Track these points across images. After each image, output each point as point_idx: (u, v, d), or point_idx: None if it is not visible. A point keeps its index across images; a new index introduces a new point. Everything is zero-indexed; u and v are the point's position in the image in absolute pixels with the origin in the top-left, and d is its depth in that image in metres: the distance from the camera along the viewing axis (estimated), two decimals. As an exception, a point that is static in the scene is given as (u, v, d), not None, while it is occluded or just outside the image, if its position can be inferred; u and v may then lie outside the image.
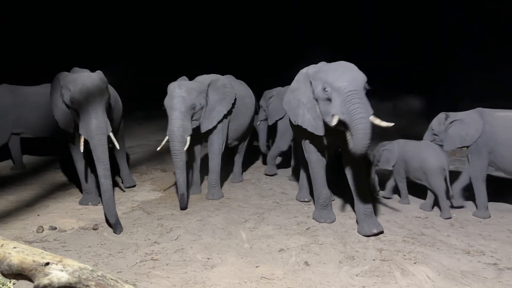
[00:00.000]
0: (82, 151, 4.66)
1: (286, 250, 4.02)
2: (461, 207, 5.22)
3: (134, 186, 6.28)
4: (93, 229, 4.56)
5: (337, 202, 5.67)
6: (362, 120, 3.73)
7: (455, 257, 3.82)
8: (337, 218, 4.94)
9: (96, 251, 4.00)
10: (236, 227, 4.64)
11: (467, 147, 5.05)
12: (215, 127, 5.65)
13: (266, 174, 7.05)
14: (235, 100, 5.78)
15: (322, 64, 4.45)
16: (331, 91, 3.93)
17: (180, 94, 5.15)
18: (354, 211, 4.70)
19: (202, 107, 5.40)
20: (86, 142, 4.58)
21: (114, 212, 4.59)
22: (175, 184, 5.60)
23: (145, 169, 7.26)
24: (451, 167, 5.82)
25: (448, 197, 5.05)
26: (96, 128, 4.49)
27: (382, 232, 4.37)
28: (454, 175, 5.34)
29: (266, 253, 3.96)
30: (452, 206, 5.15)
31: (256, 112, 6.97)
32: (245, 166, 7.43)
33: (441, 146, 5.23)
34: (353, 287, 3.30)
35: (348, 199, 5.78)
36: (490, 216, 4.92)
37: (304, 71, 4.55)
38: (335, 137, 4.33)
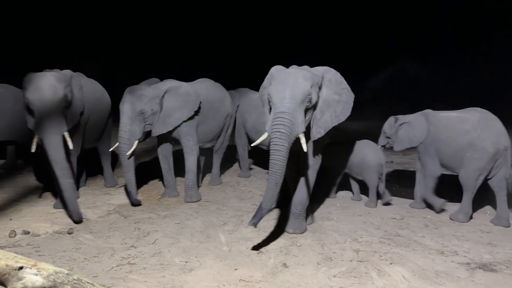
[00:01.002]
0: (33, 151, 4.70)
1: (265, 252, 4.02)
2: (428, 206, 5.45)
3: (114, 186, 6.36)
4: (68, 233, 4.46)
5: (314, 204, 5.73)
6: (276, 150, 3.71)
7: (429, 258, 3.90)
8: (315, 220, 4.99)
9: (71, 255, 3.92)
10: (215, 230, 4.62)
11: (415, 147, 5.45)
12: (179, 130, 5.67)
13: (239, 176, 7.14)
14: (199, 107, 5.80)
15: (293, 67, 4.38)
16: (271, 103, 3.89)
17: (129, 99, 5.28)
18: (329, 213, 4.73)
19: (154, 112, 5.43)
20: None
21: (77, 209, 4.72)
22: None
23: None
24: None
25: (381, 190, 5.56)
26: (48, 128, 4.53)
27: (301, 233, 4.50)
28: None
29: (245, 255, 3.96)
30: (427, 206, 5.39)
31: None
32: (224, 168, 7.43)
33: (392, 147, 5.74)
34: (331, 288, 3.33)
35: (327, 202, 5.86)
36: (425, 207, 5.37)
37: (272, 70, 4.43)
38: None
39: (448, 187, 5.39)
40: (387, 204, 5.61)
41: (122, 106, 5.31)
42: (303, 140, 3.83)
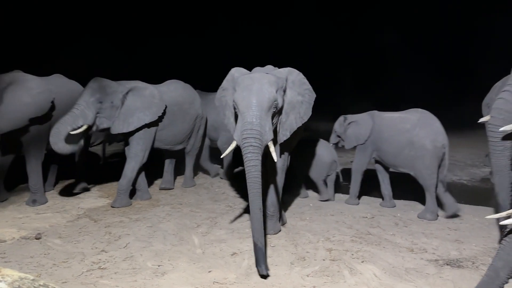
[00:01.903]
0: None
1: (239, 254, 4.02)
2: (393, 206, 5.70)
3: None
4: (36, 239, 4.33)
5: (288, 204, 5.77)
6: (253, 165, 3.65)
7: (399, 255, 3.99)
8: (288, 220, 5.02)
9: (39, 261, 3.80)
10: (188, 233, 4.58)
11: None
12: (135, 133, 5.57)
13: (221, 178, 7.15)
14: (164, 113, 5.74)
15: (257, 69, 4.43)
16: (238, 110, 3.82)
17: (92, 86, 5.27)
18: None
19: (113, 106, 5.34)
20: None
21: None
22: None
23: (92, 174, 7.00)
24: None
25: (326, 185, 5.98)
26: None
27: (275, 233, 4.53)
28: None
29: (218, 257, 3.94)
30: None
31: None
32: (197, 170, 7.38)
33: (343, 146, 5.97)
34: (304, 287, 3.35)
35: (300, 202, 5.91)
36: (358, 204, 5.70)
37: (232, 71, 4.42)
38: None
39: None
40: (326, 200, 5.95)
41: (83, 90, 5.27)
42: (272, 148, 3.81)
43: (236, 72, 4.31)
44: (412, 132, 5.11)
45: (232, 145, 3.90)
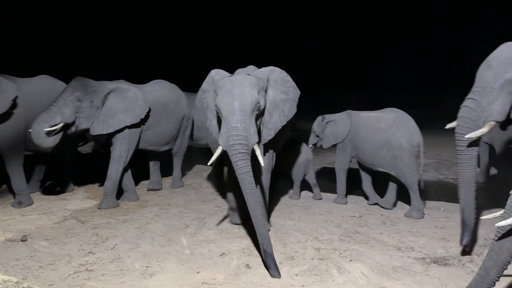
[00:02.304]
0: None
1: (228, 254, 4.01)
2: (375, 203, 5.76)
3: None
4: (22, 241, 4.26)
5: (277, 204, 5.78)
6: (245, 172, 3.66)
7: (387, 254, 4.02)
8: (277, 220, 5.03)
9: (25, 263, 3.74)
10: (176, 233, 4.56)
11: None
12: (118, 133, 5.48)
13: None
14: (148, 114, 5.66)
15: (239, 71, 4.45)
16: (221, 115, 3.83)
17: (73, 84, 5.20)
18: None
19: (93, 105, 5.25)
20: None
21: None
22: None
23: (79, 175, 6.92)
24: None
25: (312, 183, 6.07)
26: None
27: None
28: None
29: (207, 258, 3.93)
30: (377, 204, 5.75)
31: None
32: (186, 170, 7.35)
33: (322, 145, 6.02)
34: (293, 287, 3.36)
35: (289, 202, 5.92)
36: (347, 203, 5.74)
37: (212, 74, 4.40)
38: None
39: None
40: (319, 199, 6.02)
41: (64, 89, 5.21)
42: (258, 152, 3.81)
43: (216, 75, 4.30)
44: (388, 132, 5.21)
45: (218, 151, 3.87)
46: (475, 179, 3.80)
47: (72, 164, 6.27)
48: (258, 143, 4.02)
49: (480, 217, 3.05)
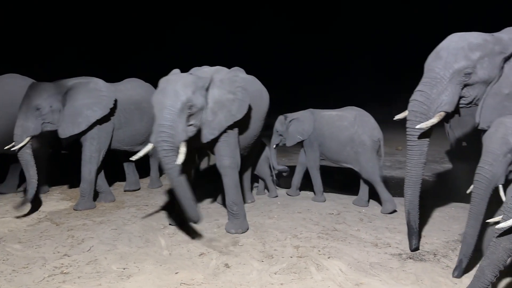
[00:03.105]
0: None
1: (207, 254, 3.99)
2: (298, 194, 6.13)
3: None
4: (-7, 245, 4.15)
5: (256, 202, 5.79)
6: (170, 168, 3.84)
7: (364, 250, 4.07)
8: (256, 219, 5.04)
9: (-3, 268, 3.64)
10: (154, 234, 4.50)
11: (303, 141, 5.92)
12: (87, 133, 5.33)
13: None
14: (115, 107, 5.48)
15: (193, 69, 4.59)
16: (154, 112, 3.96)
17: (28, 94, 5.08)
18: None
19: (54, 110, 5.12)
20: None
21: None
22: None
23: (55, 176, 6.77)
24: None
25: (273, 180, 6.21)
26: None
27: (243, 232, 4.54)
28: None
29: (186, 258, 3.90)
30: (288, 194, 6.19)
31: None
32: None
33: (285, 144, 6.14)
34: (272, 285, 3.37)
35: (268, 200, 5.94)
36: (325, 200, 5.82)
37: (174, 71, 4.46)
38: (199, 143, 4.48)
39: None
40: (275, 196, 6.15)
41: (21, 100, 5.07)
42: (182, 149, 3.86)
43: (170, 74, 4.35)
44: (351, 130, 5.42)
45: (148, 146, 3.98)
46: (420, 182, 3.81)
47: (46, 165, 6.11)
48: (202, 141, 4.29)
49: (487, 220, 3.13)
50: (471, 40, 3.48)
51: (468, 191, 3.38)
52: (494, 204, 3.18)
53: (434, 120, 3.52)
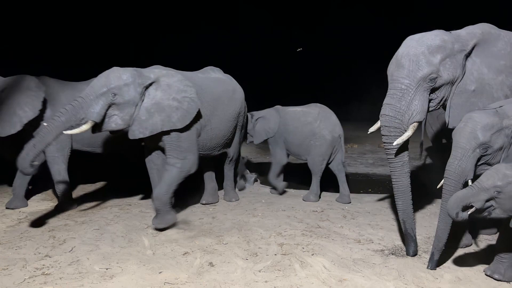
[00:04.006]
0: None
1: (191, 253, 3.97)
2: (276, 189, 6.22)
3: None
4: (-29, 247, 4.05)
5: (241, 200, 5.79)
6: None
7: (347, 247, 4.12)
8: (241, 217, 5.04)
9: (-25, 271, 3.56)
10: (137, 234, 4.46)
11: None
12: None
13: None
14: (44, 104, 5.12)
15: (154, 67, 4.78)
16: None
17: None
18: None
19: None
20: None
21: None
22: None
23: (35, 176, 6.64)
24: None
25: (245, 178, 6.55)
26: None
27: (164, 227, 4.54)
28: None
29: (170, 257, 3.87)
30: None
31: None
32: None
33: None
34: (256, 283, 3.38)
35: (253, 199, 5.95)
36: (281, 194, 6.08)
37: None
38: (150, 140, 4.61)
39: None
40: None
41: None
42: (84, 127, 4.03)
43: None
44: (314, 125, 5.71)
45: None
46: (410, 189, 3.81)
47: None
48: (129, 137, 4.38)
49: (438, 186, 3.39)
50: (429, 43, 3.44)
51: (438, 186, 3.46)
52: None
53: (409, 133, 3.51)
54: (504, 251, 3.30)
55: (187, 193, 6.06)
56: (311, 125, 5.71)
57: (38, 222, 4.78)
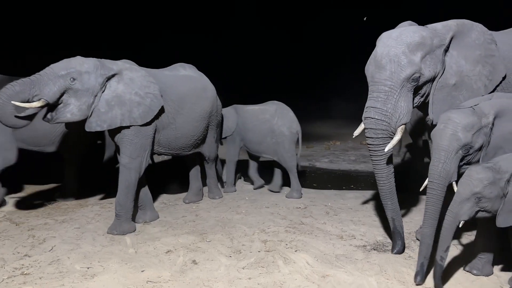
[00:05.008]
0: None
1: (174, 251, 3.95)
2: (261, 186, 6.33)
3: None
4: None
5: (224, 198, 5.78)
6: None
7: (330, 243, 4.15)
8: (224, 214, 5.03)
9: (-49, 272, 3.46)
10: (119, 232, 4.41)
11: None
12: None
13: None
14: None
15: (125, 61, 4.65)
16: None
17: None
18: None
19: None
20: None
21: None
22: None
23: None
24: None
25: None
26: None
27: (118, 234, 4.33)
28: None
29: (152, 256, 3.84)
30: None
31: None
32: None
33: None
34: (240, 280, 3.38)
35: (236, 196, 5.94)
36: (235, 191, 6.16)
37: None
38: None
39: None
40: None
41: None
42: (35, 104, 3.87)
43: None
44: (272, 122, 5.82)
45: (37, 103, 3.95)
46: (395, 187, 3.76)
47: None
48: (85, 129, 4.23)
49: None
50: (409, 40, 3.36)
51: (421, 189, 3.40)
52: (449, 200, 3.12)
53: (398, 137, 3.43)
54: (482, 249, 3.37)
55: (171, 190, 6.03)
56: (269, 122, 5.83)
57: (17, 221, 4.69)
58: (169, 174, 6.86)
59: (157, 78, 4.69)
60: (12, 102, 3.78)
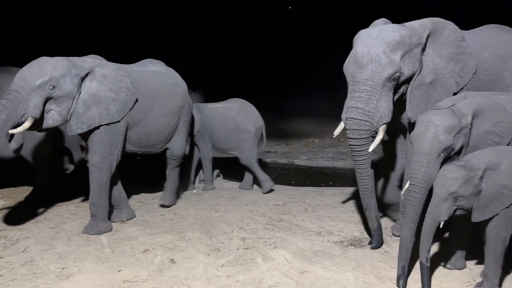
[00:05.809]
0: None
1: (151, 250, 3.90)
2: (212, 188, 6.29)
3: None
4: None
5: (203, 196, 5.75)
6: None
7: (308, 239, 4.18)
8: (203, 212, 5.01)
9: None
10: (95, 231, 4.34)
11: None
12: None
13: None
14: None
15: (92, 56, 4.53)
16: None
17: None
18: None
19: None
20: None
21: None
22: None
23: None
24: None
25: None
26: None
27: (93, 234, 4.27)
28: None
29: (129, 255, 3.79)
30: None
31: None
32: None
33: None
34: (218, 278, 3.37)
35: (215, 194, 5.92)
36: (214, 188, 6.24)
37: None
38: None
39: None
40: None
41: None
42: (26, 124, 3.71)
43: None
44: (237, 119, 5.93)
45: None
46: (374, 187, 3.77)
47: None
48: (67, 133, 4.13)
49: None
50: (388, 40, 3.36)
51: (402, 192, 3.37)
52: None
53: (381, 136, 3.42)
54: (454, 243, 3.46)
55: (148, 189, 5.96)
56: (234, 120, 5.93)
57: (-12, 222, 4.56)
58: (146, 172, 6.78)
59: (127, 73, 4.58)
60: (10, 132, 3.65)
